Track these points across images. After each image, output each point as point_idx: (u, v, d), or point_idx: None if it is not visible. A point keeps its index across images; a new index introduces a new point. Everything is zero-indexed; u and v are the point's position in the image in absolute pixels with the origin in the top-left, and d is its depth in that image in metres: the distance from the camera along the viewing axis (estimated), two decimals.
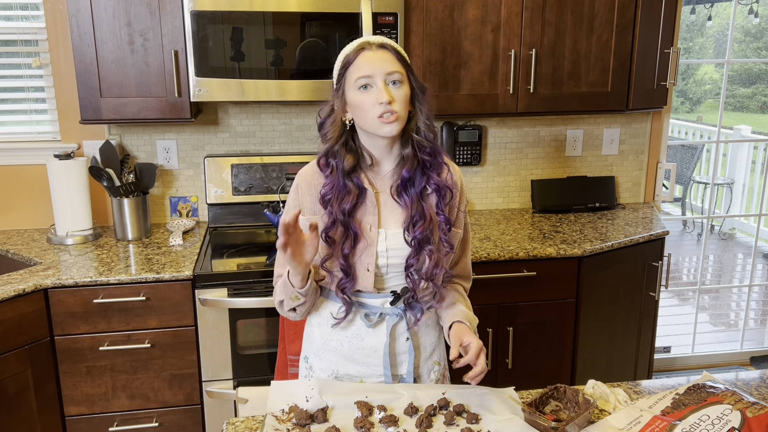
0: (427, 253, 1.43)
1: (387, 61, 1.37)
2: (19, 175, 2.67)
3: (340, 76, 1.41)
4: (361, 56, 1.37)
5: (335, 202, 1.42)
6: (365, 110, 1.37)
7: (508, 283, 2.41)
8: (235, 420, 1.38)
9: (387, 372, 1.50)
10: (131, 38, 2.30)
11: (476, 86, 2.55)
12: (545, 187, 3.00)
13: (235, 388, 2.30)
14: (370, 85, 1.36)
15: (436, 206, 1.45)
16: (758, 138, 7.08)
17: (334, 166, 1.43)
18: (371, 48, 1.38)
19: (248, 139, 2.79)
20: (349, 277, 1.44)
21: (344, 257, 1.42)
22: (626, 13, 2.59)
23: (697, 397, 1.37)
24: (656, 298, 2.77)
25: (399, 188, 1.44)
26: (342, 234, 1.42)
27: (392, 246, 1.45)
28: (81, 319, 2.17)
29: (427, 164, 1.44)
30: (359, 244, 1.44)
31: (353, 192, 1.42)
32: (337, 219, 1.42)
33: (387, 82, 1.36)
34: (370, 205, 1.45)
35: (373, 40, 1.40)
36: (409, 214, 1.44)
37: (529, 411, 1.32)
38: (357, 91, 1.37)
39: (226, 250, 2.49)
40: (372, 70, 1.36)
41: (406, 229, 1.44)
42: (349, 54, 1.39)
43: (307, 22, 2.31)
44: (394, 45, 1.41)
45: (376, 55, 1.37)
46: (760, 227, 4.88)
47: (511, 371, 2.51)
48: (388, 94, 1.35)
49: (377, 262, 1.45)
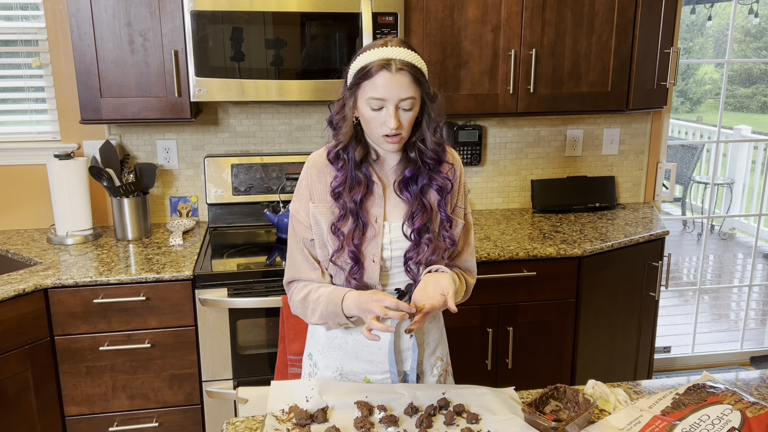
0: (426, 242, 1.46)
1: (403, 87, 1.36)
2: (19, 175, 2.67)
3: (355, 81, 1.39)
4: (380, 76, 1.35)
5: (346, 193, 1.44)
6: (372, 126, 1.40)
7: (508, 283, 2.41)
8: (235, 420, 1.38)
9: (393, 369, 1.51)
10: (131, 38, 2.30)
11: (476, 86, 2.55)
12: (545, 187, 3.00)
13: (235, 388, 2.30)
14: (382, 106, 1.37)
15: (437, 204, 1.48)
16: (758, 138, 7.08)
17: (345, 159, 1.45)
18: (392, 69, 1.35)
19: (248, 139, 2.79)
20: (359, 266, 1.46)
21: (355, 246, 1.45)
22: (626, 13, 2.58)
23: (697, 397, 1.37)
24: (656, 298, 2.77)
25: (401, 184, 1.48)
26: (352, 224, 1.45)
27: (395, 238, 1.48)
28: (81, 319, 2.17)
29: (430, 166, 1.47)
30: (367, 234, 1.46)
31: (363, 182, 1.46)
32: (347, 209, 1.44)
33: (398, 107, 1.37)
34: (377, 197, 1.48)
35: (397, 56, 1.36)
36: (410, 209, 1.47)
37: (529, 411, 1.32)
38: (368, 106, 1.38)
39: (226, 250, 2.49)
40: (387, 95, 1.35)
41: (405, 223, 1.47)
42: (371, 67, 1.36)
43: (307, 22, 2.31)
44: (415, 64, 1.38)
45: (395, 79, 1.35)
46: (760, 227, 4.88)
47: (511, 371, 2.51)
48: (396, 120, 1.37)
49: (382, 254, 1.47)
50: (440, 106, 1.45)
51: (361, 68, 1.37)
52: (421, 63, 1.40)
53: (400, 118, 1.38)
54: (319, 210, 1.48)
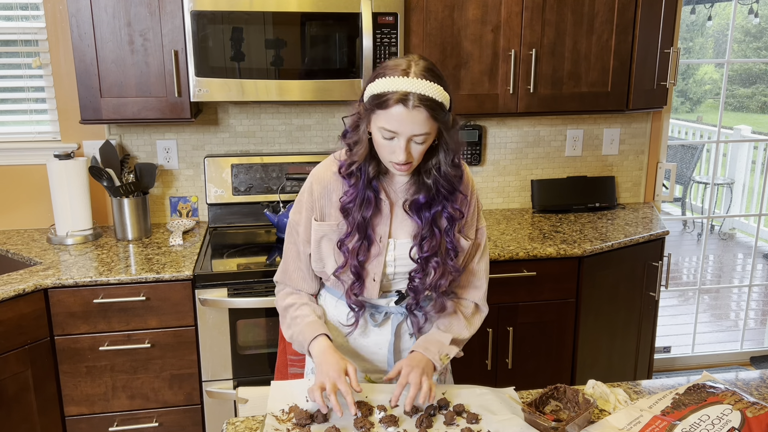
0: (433, 266, 1.43)
1: (417, 124, 1.29)
2: (19, 175, 2.67)
3: (370, 106, 1.33)
4: (395, 109, 1.28)
5: (356, 209, 1.41)
6: (382, 152, 1.36)
7: (508, 283, 2.41)
8: (235, 420, 1.38)
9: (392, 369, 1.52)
10: (131, 38, 2.30)
11: (476, 86, 2.55)
12: (545, 187, 3.00)
13: (235, 388, 2.30)
14: (394, 137, 1.32)
15: (445, 232, 1.44)
16: (758, 138, 7.08)
17: (358, 175, 1.41)
18: (408, 105, 1.27)
19: (248, 139, 2.79)
20: (360, 282, 1.45)
21: (359, 263, 1.43)
22: (626, 13, 2.58)
23: (697, 397, 1.37)
24: (656, 298, 2.77)
25: (413, 207, 1.43)
26: (357, 241, 1.42)
27: (400, 256, 1.46)
28: (81, 319, 2.17)
29: (444, 195, 1.42)
30: (371, 251, 1.45)
31: (373, 201, 1.42)
32: (355, 225, 1.41)
33: (410, 140, 1.32)
34: (384, 216, 1.45)
35: (417, 90, 1.27)
36: (419, 232, 1.43)
37: (529, 411, 1.32)
38: (380, 134, 1.33)
39: (226, 250, 2.49)
40: (400, 129, 1.30)
41: (414, 247, 1.44)
42: (387, 98, 1.28)
43: (307, 22, 2.31)
44: (435, 98, 1.29)
45: (410, 115, 1.28)
46: (760, 227, 4.88)
47: (511, 371, 2.51)
48: (406, 154, 1.32)
49: (385, 270, 1.46)
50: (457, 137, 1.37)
51: (378, 95, 1.30)
52: (442, 96, 1.30)
53: (411, 150, 1.33)
54: (323, 229, 1.46)
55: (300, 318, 1.48)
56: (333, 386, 1.32)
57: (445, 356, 1.46)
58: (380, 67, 1.34)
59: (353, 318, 1.49)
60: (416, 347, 1.46)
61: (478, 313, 1.58)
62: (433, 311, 1.51)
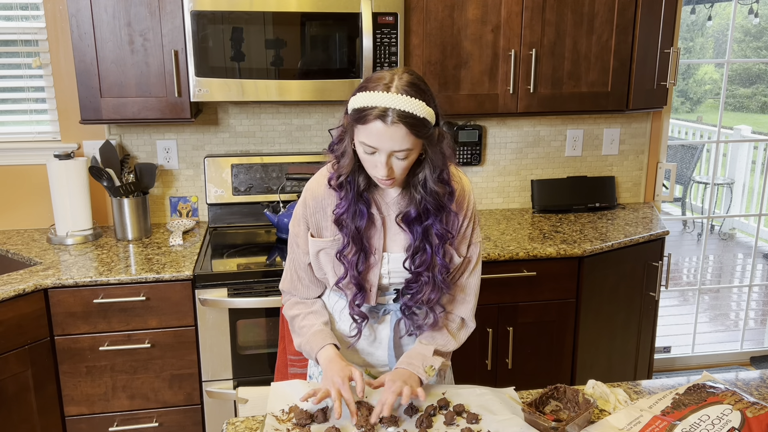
0: (425, 280, 1.44)
1: (397, 140, 1.27)
2: (19, 175, 2.67)
3: (351, 120, 1.32)
4: (374, 125, 1.26)
5: (350, 220, 1.41)
6: (366, 166, 1.36)
7: (508, 283, 2.41)
8: (235, 420, 1.38)
9: (393, 364, 1.53)
10: (131, 38, 2.30)
11: (476, 86, 2.55)
12: (545, 187, 3.00)
13: (235, 388, 2.30)
14: (375, 152, 1.31)
15: (436, 250, 1.42)
16: (758, 138, 7.08)
17: (348, 187, 1.40)
18: (387, 121, 1.25)
19: (248, 139, 2.79)
20: (363, 293, 1.46)
21: (359, 273, 1.44)
22: (626, 13, 2.59)
23: (697, 397, 1.37)
24: (656, 298, 2.77)
25: (404, 218, 1.43)
26: (355, 253, 1.43)
27: (394, 269, 1.47)
28: (81, 319, 2.17)
29: (432, 212, 1.41)
30: (369, 262, 1.46)
31: (366, 213, 1.42)
32: (351, 236, 1.41)
33: (391, 155, 1.30)
34: (378, 229, 1.46)
35: (396, 106, 1.25)
36: (412, 244, 1.43)
37: (529, 411, 1.32)
38: (361, 148, 1.32)
39: (226, 250, 2.49)
40: (379, 145, 1.28)
41: (407, 259, 1.45)
42: (367, 114, 1.27)
43: (307, 22, 2.30)
44: (416, 113, 1.27)
45: (389, 131, 1.26)
46: (760, 227, 4.88)
47: (511, 371, 2.51)
48: (387, 169, 1.31)
49: (380, 282, 1.48)
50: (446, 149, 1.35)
51: (358, 110, 1.29)
52: (424, 111, 1.28)
53: (393, 166, 1.32)
54: (319, 245, 1.47)
55: (306, 328, 1.52)
56: (337, 393, 1.33)
57: (430, 367, 1.46)
58: (365, 80, 1.33)
59: (356, 329, 1.50)
60: (399, 364, 1.46)
61: (464, 328, 1.57)
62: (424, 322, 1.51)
